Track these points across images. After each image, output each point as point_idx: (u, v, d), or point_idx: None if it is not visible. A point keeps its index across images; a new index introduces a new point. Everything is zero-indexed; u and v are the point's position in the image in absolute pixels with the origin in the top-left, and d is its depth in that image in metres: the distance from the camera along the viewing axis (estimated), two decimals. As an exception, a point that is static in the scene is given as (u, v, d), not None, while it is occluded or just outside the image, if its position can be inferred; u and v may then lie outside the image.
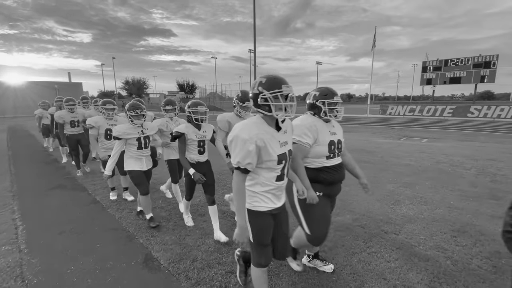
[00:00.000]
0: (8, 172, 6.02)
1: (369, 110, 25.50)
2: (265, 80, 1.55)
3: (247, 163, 1.52)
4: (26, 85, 38.50)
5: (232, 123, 2.94)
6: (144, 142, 3.26)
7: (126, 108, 3.20)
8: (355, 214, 3.58)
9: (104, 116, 4.14)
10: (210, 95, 47.72)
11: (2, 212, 3.83)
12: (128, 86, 51.43)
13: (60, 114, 5.44)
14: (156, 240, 2.98)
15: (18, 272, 2.46)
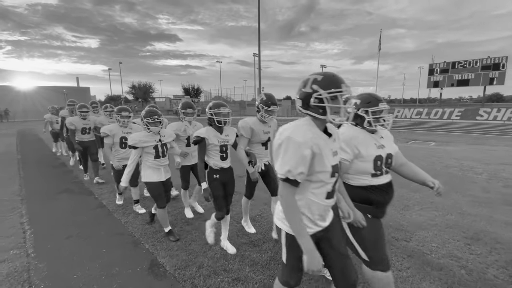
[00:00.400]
0: (17, 176, 6.10)
1: (376, 113, 25.26)
2: (320, 78, 1.32)
3: (299, 173, 1.28)
4: (35, 89, 39.38)
5: (256, 129, 2.75)
6: (162, 151, 3.05)
7: (142, 114, 3.02)
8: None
9: (119, 124, 3.95)
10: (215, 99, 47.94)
11: (10, 216, 3.86)
12: (134, 91, 52.03)
13: (72, 120, 5.31)
14: (162, 246, 2.96)
15: (26, 277, 2.46)
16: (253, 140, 2.78)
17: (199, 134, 2.59)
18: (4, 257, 2.77)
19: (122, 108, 3.99)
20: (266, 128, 2.81)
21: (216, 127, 2.67)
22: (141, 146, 2.93)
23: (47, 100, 36.85)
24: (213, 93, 49.90)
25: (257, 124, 2.77)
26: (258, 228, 3.32)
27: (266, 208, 3.91)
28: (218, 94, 48.82)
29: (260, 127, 2.76)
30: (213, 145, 2.63)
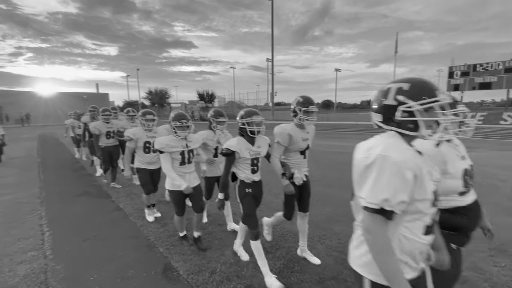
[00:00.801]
0: (37, 179, 6.35)
1: (391, 117, 24.65)
2: (408, 86, 1.07)
3: (400, 202, 0.99)
4: (56, 95, 41.17)
5: (294, 136, 2.48)
6: (188, 157, 2.91)
7: (170, 118, 2.90)
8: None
9: (143, 127, 3.77)
10: (228, 104, 48.48)
11: (30, 218, 4.00)
12: (151, 96, 53.45)
13: (96, 124, 5.30)
14: (176, 250, 2.97)
15: (43, 278, 2.52)
16: (290, 148, 2.51)
17: (230, 146, 2.38)
18: (22, 259, 2.86)
19: (147, 112, 3.81)
20: (304, 135, 2.55)
21: (248, 138, 2.46)
22: (167, 150, 2.79)
23: (67, 105, 38.40)
24: (227, 98, 50.45)
25: (295, 130, 2.50)
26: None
27: (279, 214, 3.86)
28: (231, 99, 49.31)
29: (299, 134, 2.50)
30: (244, 158, 2.43)
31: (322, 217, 3.80)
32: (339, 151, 9.43)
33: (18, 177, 6.54)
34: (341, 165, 7.00)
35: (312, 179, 2.71)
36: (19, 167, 7.77)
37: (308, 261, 2.71)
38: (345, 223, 3.54)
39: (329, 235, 3.27)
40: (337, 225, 3.53)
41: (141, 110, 3.90)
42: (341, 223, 3.54)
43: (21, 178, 6.44)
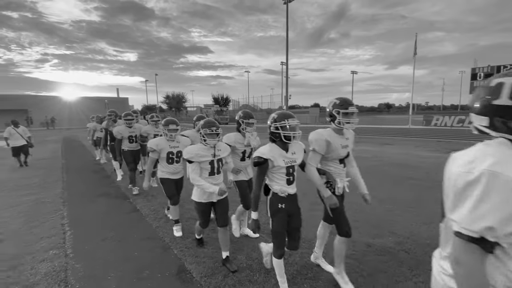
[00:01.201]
0: (60, 180, 6.64)
1: (411, 120, 23.90)
2: None
3: (508, 233, 0.79)
4: (79, 100, 43.12)
5: (333, 143, 2.22)
6: (217, 167, 2.70)
7: (199, 125, 2.68)
8: (398, 237, 3.27)
9: (166, 137, 3.54)
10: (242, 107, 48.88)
11: (52, 217, 4.18)
12: (168, 100, 54.96)
13: (119, 129, 5.31)
14: (190, 252, 3.00)
15: (63, 276, 2.62)
16: (328, 156, 2.28)
17: (262, 154, 2.11)
18: (44, 257, 2.99)
19: (170, 121, 3.51)
20: (343, 141, 2.31)
21: (281, 144, 2.18)
22: (197, 160, 2.59)
23: (90, 109, 40.21)
24: (241, 102, 50.90)
25: (333, 136, 2.25)
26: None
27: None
28: (245, 103, 49.68)
29: (337, 140, 2.26)
30: (279, 167, 2.15)
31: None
32: (356, 155, 9.21)
33: (43, 178, 6.88)
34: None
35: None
36: (44, 168, 8.16)
37: (321, 268, 2.65)
38: (362, 230, 3.45)
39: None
40: (354, 232, 3.43)
41: (164, 119, 3.64)
42: (358, 230, 3.45)
43: (45, 179, 6.76)
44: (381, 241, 3.15)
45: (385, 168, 7.01)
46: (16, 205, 4.76)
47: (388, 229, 3.45)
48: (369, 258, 2.82)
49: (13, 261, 2.91)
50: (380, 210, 4.11)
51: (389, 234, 3.32)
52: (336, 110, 2.21)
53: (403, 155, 9.15)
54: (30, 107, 37.72)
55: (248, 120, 3.04)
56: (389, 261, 2.76)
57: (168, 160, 3.53)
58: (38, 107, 37.96)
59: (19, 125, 8.47)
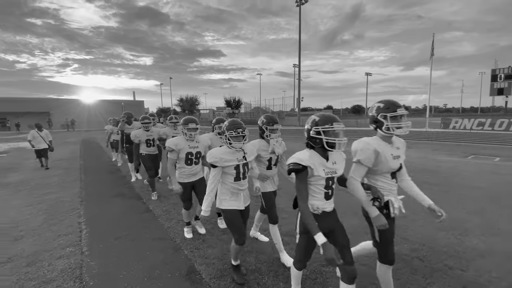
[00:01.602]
0: (78, 180, 6.89)
1: (428, 123, 23.17)
2: None
3: None
4: (98, 103, 44.63)
5: (382, 153, 1.91)
6: (243, 171, 2.47)
7: (224, 127, 2.47)
8: (412, 244, 3.17)
9: (185, 137, 3.35)
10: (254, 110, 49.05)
11: (70, 216, 4.34)
12: (182, 103, 55.95)
13: (136, 133, 5.15)
14: (200, 253, 3.03)
15: (78, 273, 2.71)
16: (377, 169, 1.96)
17: (300, 161, 1.82)
18: (61, 254, 3.11)
19: (189, 120, 3.35)
20: (395, 151, 1.98)
21: (320, 151, 1.88)
22: (222, 165, 2.36)
23: (107, 112, 41.65)
24: (253, 105, 51.09)
25: (382, 146, 1.94)
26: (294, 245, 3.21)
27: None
28: (257, 105, 49.82)
29: (387, 150, 1.94)
30: (318, 177, 1.86)
31: (350, 229, 3.65)
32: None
33: (62, 178, 7.15)
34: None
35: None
36: (63, 169, 8.49)
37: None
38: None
39: (356, 247, 3.12)
40: (365, 237, 3.35)
41: (183, 117, 3.42)
42: (369, 236, 3.36)
43: (64, 179, 7.03)
44: (395, 248, 3.05)
45: (400, 172, 6.81)
46: (37, 204, 4.98)
47: (402, 236, 3.34)
48: (381, 264, 2.74)
49: (31, 257, 3.03)
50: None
51: (403, 241, 3.23)
52: (382, 115, 1.90)
53: (420, 159, 8.87)
54: (52, 110, 39.38)
55: (272, 126, 2.77)
56: (403, 268, 2.68)
57: (187, 161, 3.35)
58: (59, 110, 39.59)
59: (42, 129, 8.74)
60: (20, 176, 7.49)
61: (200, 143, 3.44)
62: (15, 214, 4.44)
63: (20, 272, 2.74)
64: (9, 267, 2.83)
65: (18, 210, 4.63)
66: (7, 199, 5.30)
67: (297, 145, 14.11)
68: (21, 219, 4.22)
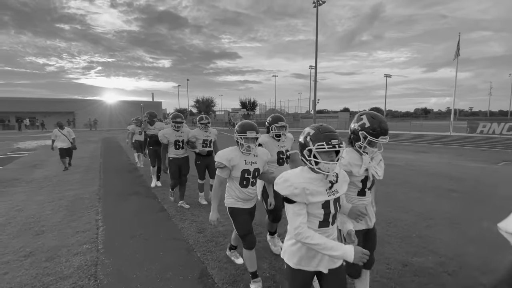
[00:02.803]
0: (98, 177, 7.08)
1: (453, 127, 22.07)
2: None
3: None
4: (118, 103, 46.22)
5: None
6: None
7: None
8: (440, 257, 2.94)
9: (241, 149, 2.40)
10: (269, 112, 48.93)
11: (88, 212, 4.43)
12: (198, 104, 56.88)
13: (165, 133, 4.59)
14: (212, 256, 2.97)
15: (93, 271, 2.72)
16: None
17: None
18: (78, 250, 3.15)
19: (247, 126, 2.40)
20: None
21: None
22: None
23: (127, 112, 43.14)
24: (268, 106, 51.02)
25: None
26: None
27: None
28: (272, 107, 49.71)
29: None
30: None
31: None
32: (388, 163, 8.68)
33: (83, 175, 7.38)
34: (391, 179, 6.41)
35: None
36: (84, 166, 8.78)
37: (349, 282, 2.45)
38: (397, 247, 3.17)
39: (377, 258, 2.94)
40: (388, 248, 3.16)
41: (239, 122, 2.62)
42: (392, 245, 3.17)
43: (85, 176, 7.25)
44: (419, 261, 2.85)
45: (425, 179, 6.47)
46: (58, 200, 5.14)
47: (428, 248, 3.12)
48: (405, 279, 2.56)
49: (50, 252, 3.10)
50: (419, 225, 3.76)
51: (429, 253, 3.00)
52: None
53: (445, 165, 8.41)
54: (77, 110, 41.26)
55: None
56: (429, 283, 2.48)
57: (243, 181, 2.42)
58: (83, 110, 41.42)
59: (64, 127, 8.40)
60: (45, 172, 7.81)
61: (259, 158, 2.49)
62: (38, 210, 4.59)
63: (39, 266, 2.80)
64: (29, 262, 2.90)
65: (41, 206, 4.79)
66: (31, 195, 5.52)
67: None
68: (42, 214, 4.36)
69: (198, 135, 4.58)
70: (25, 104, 38.98)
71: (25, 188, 6.04)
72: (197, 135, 4.58)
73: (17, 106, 38.19)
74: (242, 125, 2.43)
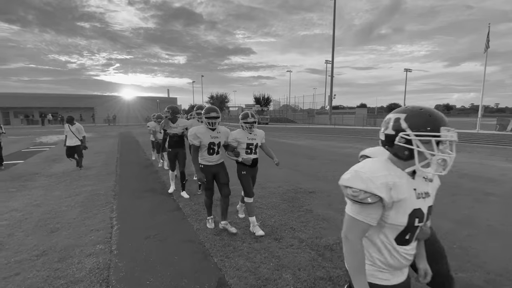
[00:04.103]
0: (114, 173, 7.06)
1: (480, 124, 20.79)
2: None
3: None
4: (135, 99, 47.17)
5: None
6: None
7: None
8: (487, 272, 2.57)
9: None
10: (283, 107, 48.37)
11: (103, 210, 4.34)
12: (212, 100, 57.09)
13: (197, 131, 3.36)
14: (231, 263, 2.75)
15: (105, 275, 2.57)
16: None
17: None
18: (91, 251, 3.03)
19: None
20: None
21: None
22: None
23: (144, 108, 44.01)
24: (282, 102, 50.44)
25: None
26: (337, 262, 2.79)
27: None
28: (286, 103, 49.10)
29: None
30: None
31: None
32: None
33: (100, 170, 7.41)
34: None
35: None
36: (102, 161, 8.85)
37: None
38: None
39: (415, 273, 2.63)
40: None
41: None
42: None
43: (102, 171, 7.27)
44: (465, 277, 2.50)
45: (457, 181, 5.98)
46: (75, 195, 5.11)
47: (473, 261, 2.75)
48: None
49: (63, 252, 2.99)
50: (459, 235, 3.37)
51: (475, 268, 2.64)
52: None
53: (476, 165, 7.80)
54: (96, 106, 42.48)
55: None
56: (481, 305, 2.14)
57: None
58: (103, 106, 42.59)
59: (74, 123, 7.55)
60: (63, 167, 7.90)
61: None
62: (54, 205, 4.56)
63: (51, 268, 2.69)
64: (42, 262, 2.80)
65: (58, 201, 4.77)
66: (49, 189, 5.54)
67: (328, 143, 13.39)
68: (59, 210, 4.32)
69: (241, 138, 3.38)
70: (48, 99, 40.56)
71: (44, 183, 6.09)
72: (239, 139, 3.38)
73: (40, 102, 39.79)
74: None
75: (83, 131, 7.61)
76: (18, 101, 38.63)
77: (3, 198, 4.96)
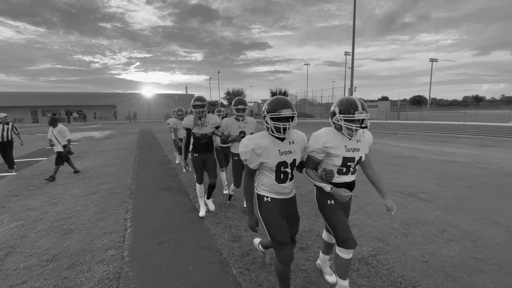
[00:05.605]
0: (131, 170, 6.99)
1: (516, 117, 19.07)
2: None
3: None
4: (155, 96, 48.16)
5: None
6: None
7: None
8: None
9: None
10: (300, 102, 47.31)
11: (118, 210, 4.18)
12: (228, 96, 57.13)
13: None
14: (251, 277, 2.44)
15: (115, 286, 2.35)
16: None
17: None
18: (102, 257, 2.83)
19: None
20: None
21: None
22: None
23: (163, 105, 44.81)
24: (299, 96, 49.37)
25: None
26: (374, 279, 2.40)
27: (381, 246, 2.92)
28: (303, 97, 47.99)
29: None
30: None
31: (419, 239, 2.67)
32: (449, 159, 7.45)
33: (118, 167, 7.37)
34: (457, 179, 5.36)
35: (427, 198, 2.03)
36: (121, 158, 8.86)
37: None
38: (495, 276, 2.35)
39: None
40: (481, 277, 2.37)
41: None
42: (487, 275, 2.37)
43: (120, 168, 7.22)
44: (489, 277, 2.03)
45: (502, 180, 5.31)
46: (91, 194, 5.02)
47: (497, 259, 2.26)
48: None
49: (74, 257, 2.82)
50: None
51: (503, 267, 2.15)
52: None
53: (522, 163, 6.96)
54: (118, 104, 43.79)
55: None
56: None
57: None
58: (124, 104, 43.86)
59: (57, 124, 6.25)
60: (84, 164, 7.96)
61: None
62: (70, 204, 4.47)
63: (59, 276, 2.51)
64: (51, 268, 2.64)
65: (74, 200, 4.69)
66: (68, 187, 5.51)
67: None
68: (74, 210, 4.21)
69: None
70: (73, 98, 42.43)
71: (63, 180, 6.10)
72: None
73: (66, 100, 41.73)
74: None
75: (67, 134, 6.27)
76: (46, 100, 40.64)
77: (22, 196, 4.97)
